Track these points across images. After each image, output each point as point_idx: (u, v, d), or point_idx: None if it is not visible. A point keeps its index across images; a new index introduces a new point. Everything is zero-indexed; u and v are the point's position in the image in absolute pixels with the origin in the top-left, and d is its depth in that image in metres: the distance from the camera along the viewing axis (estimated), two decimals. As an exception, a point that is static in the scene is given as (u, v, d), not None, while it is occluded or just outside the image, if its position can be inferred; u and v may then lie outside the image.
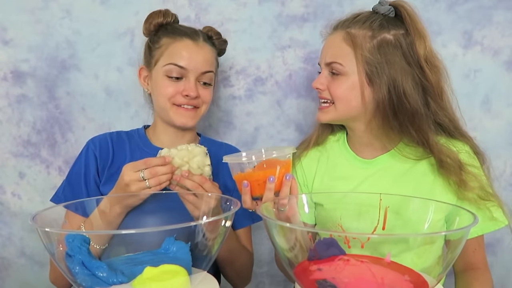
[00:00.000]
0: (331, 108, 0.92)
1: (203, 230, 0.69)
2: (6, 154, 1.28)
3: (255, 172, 0.80)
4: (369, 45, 0.86)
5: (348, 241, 0.74)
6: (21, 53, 1.24)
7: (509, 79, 1.23)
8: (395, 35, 0.87)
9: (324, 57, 0.92)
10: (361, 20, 0.89)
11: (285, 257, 0.67)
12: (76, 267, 0.63)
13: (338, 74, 0.89)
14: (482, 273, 0.94)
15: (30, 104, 1.26)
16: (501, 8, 1.20)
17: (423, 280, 0.63)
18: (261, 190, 0.80)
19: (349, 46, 0.88)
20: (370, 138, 0.95)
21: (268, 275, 1.38)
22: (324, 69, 0.92)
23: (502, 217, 0.89)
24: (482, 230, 0.91)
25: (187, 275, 0.63)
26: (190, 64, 0.97)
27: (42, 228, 0.59)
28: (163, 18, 1.02)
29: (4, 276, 1.34)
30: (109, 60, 1.26)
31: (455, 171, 0.87)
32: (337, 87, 0.89)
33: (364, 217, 0.83)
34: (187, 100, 0.98)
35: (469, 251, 0.94)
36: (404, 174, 0.93)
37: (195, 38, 1.00)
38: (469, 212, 0.65)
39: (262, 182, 0.79)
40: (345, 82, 0.88)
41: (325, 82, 0.91)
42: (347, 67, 0.88)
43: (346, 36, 0.88)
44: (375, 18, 0.89)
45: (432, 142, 0.87)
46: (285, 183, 0.80)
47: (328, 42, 0.93)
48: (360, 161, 0.98)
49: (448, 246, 0.64)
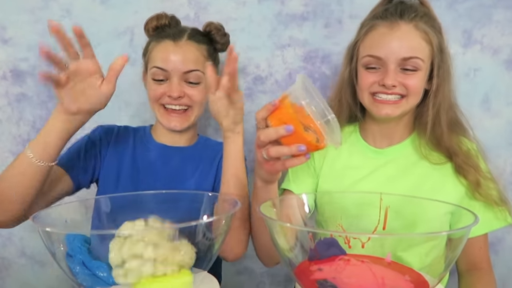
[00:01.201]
0: (403, 102, 0.90)
1: (204, 229, 0.69)
2: (6, 153, 1.28)
3: (307, 133, 0.67)
4: (436, 40, 0.88)
5: (348, 241, 0.74)
6: (21, 52, 1.24)
7: (509, 78, 1.23)
8: (441, 30, 0.92)
9: (397, 51, 0.86)
10: (421, 12, 0.90)
11: (286, 257, 0.67)
12: (77, 267, 0.63)
13: (413, 70, 0.88)
14: (486, 273, 0.95)
15: (30, 103, 1.26)
16: (501, 7, 1.20)
17: (424, 280, 0.63)
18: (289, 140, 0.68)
19: (425, 41, 0.88)
20: (394, 128, 0.97)
21: (268, 275, 1.38)
22: (392, 63, 0.87)
23: (506, 216, 0.92)
24: (489, 227, 0.93)
25: (190, 275, 0.63)
26: (169, 65, 0.97)
27: (43, 228, 0.59)
28: (157, 21, 1.03)
29: (4, 276, 1.34)
30: (109, 59, 1.24)
31: (471, 171, 0.90)
32: (416, 81, 0.88)
33: (364, 217, 0.83)
34: (171, 100, 0.98)
35: (475, 249, 0.95)
36: (415, 165, 0.94)
37: (176, 39, 0.99)
38: (470, 212, 0.65)
39: (298, 138, 0.67)
40: (420, 76, 0.89)
41: (397, 78, 0.88)
42: (425, 62, 0.88)
43: (420, 31, 0.88)
44: (426, 11, 0.91)
45: (455, 149, 0.92)
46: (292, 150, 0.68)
47: (399, 36, 0.87)
48: (372, 151, 0.98)
49: (449, 245, 0.64)
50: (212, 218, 0.69)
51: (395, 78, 0.87)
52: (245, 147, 1.30)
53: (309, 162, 1.01)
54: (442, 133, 0.92)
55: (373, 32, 0.90)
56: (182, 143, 1.06)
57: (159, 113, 1.00)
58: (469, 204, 0.91)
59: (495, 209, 0.91)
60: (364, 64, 0.91)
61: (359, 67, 0.94)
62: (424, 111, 0.94)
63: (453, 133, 0.94)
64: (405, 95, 0.89)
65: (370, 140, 1.00)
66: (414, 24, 0.87)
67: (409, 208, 0.78)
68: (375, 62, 0.89)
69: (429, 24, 0.88)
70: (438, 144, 0.93)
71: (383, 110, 0.90)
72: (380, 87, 0.89)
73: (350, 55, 0.97)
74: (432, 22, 0.90)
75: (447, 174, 0.93)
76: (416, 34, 0.87)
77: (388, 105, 0.90)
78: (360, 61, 0.93)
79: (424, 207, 0.79)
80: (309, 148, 0.67)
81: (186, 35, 1.00)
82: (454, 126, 0.96)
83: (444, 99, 0.92)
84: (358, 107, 1.00)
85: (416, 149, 0.96)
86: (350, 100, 0.99)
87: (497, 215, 0.92)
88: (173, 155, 1.04)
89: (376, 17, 0.91)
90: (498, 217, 0.92)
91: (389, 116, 0.90)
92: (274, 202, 0.76)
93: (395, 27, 0.87)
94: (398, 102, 0.90)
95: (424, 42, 0.87)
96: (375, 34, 0.90)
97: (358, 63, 0.94)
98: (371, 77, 0.90)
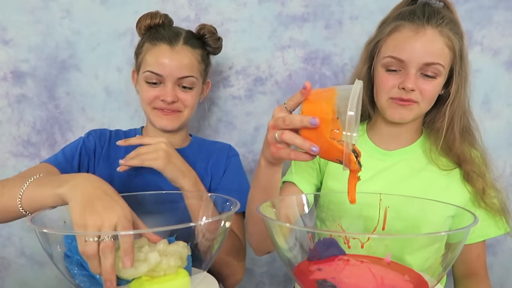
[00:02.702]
0: (415, 106, 0.89)
1: (203, 230, 0.69)
2: (6, 154, 1.28)
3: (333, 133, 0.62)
4: (458, 47, 0.88)
5: (348, 241, 0.74)
6: (21, 53, 1.24)
7: (509, 79, 1.23)
8: (464, 37, 0.91)
9: (421, 55, 0.85)
10: (447, 18, 0.88)
11: (285, 257, 0.67)
12: (75, 268, 0.63)
13: (433, 76, 0.87)
14: (483, 279, 0.96)
15: (30, 104, 1.26)
16: (501, 8, 1.20)
17: (423, 280, 0.64)
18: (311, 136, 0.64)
19: (448, 47, 0.87)
20: (403, 131, 0.97)
21: (268, 275, 1.37)
22: (414, 67, 0.86)
23: (505, 224, 0.94)
24: (487, 235, 0.95)
25: (188, 276, 0.63)
26: (164, 70, 0.96)
27: (40, 229, 0.59)
28: (151, 20, 1.02)
29: (4, 276, 1.34)
30: (109, 60, 1.26)
31: (479, 179, 0.91)
32: (432, 88, 0.88)
33: (364, 217, 0.83)
34: (165, 104, 0.98)
35: (473, 255, 0.96)
36: (423, 169, 0.95)
37: (172, 43, 0.98)
38: (470, 212, 0.65)
39: (318, 139, 0.63)
40: (437, 83, 0.88)
41: (416, 82, 0.87)
42: (445, 69, 0.88)
43: (444, 37, 0.86)
44: (451, 16, 0.90)
45: (466, 156, 0.93)
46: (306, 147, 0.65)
47: (424, 40, 0.86)
48: (380, 152, 0.98)
49: (448, 247, 0.64)
50: (212, 218, 0.69)
51: (415, 81, 0.86)
52: (245, 148, 1.31)
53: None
54: (454, 140, 0.93)
55: (397, 33, 0.89)
56: (175, 145, 1.05)
57: (151, 115, 1.01)
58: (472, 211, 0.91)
59: (496, 218, 0.93)
60: (385, 65, 0.90)
61: (378, 66, 0.92)
62: (438, 117, 0.94)
63: (465, 140, 0.95)
64: (418, 101, 0.89)
65: (377, 141, 0.99)
66: (439, 30, 0.86)
67: (410, 211, 0.79)
68: (396, 64, 0.88)
69: (453, 30, 0.87)
70: (449, 150, 0.93)
71: (397, 113, 0.90)
72: (400, 90, 0.88)
73: (370, 53, 0.96)
74: (456, 28, 0.89)
75: (453, 180, 0.94)
76: (440, 40, 0.86)
77: (402, 107, 0.89)
78: (380, 61, 0.91)
79: (425, 210, 0.79)
80: (323, 154, 0.64)
81: (182, 39, 0.99)
82: (465, 133, 0.96)
83: (460, 105, 0.92)
84: (373, 106, 1.00)
85: (425, 153, 0.96)
86: (366, 97, 0.98)
87: (497, 223, 0.94)
88: None
89: (402, 18, 0.89)
90: (498, 226, 0.94)
91: (402, 119, 0.90)
92: (273, 202, 0.77)
93: (421, 31, 0.86)
94: (410, 104, 0.89)
95: (447, 48, 0.87)
96: (400, 36, 0.88)
97: (378, 62, 0.93)
98: (391, 80, 0.89)
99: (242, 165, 1.09)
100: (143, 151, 0.88)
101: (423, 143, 0.98)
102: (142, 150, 0.88)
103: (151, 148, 0.88)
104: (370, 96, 0.98)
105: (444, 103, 0.93)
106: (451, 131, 0.93)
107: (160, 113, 1.00)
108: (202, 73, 1.04)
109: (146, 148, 0.88)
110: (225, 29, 1.23)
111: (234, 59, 1.26)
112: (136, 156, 0.87)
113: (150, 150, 0.87)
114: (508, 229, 0.94)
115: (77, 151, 0.98)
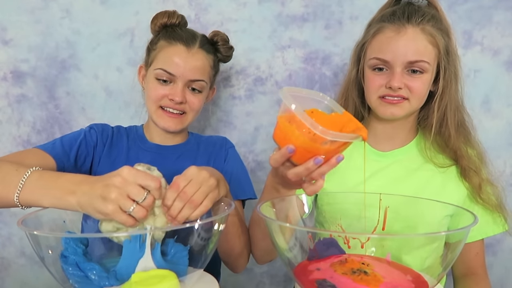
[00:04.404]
0: (405, 103, 0.90)
1: (198, 230, 0.69)
2: (6, 154, 1.28)
3: (321, 146, 0.61)
4: (443, 43, 0.89)
5: (348, 241, 0.74)
6: (21, 53, 1.24)
7: (509, 79, 1.23)
8: (449, 32, 0.92)
9: (404, 54, 0.87)
10: (428, 15, 0.89)
11: (285, 257, 0.67)
12: (70, 268, 0.63)
13: (420, 72, 0.88)
14: (482, 278, 0.96)
15: (30, 104, 1.26)
16: (501, 8, 1.20)
17: (423, 280, 0.63)
18: (304, 159, 0.64)
19: (431, 44, 0.88)
20: (398, 131, 0.97)
21: (268, 275, 1.37)
22: (399, 66, 0.88)
23: (503, 222, 0.93)
24: (486, 233, 0.95)
25: (176, 279, 0.62)
26: (178, 71, 0.96)
27: (31, 231, 0.58)
28: (168, 19, 1.02)
29: (4, 276, 1.34)
30: (109, 60, 1.26)
31: (475, 175, 0.92)
32: (420, 84, 0.89)
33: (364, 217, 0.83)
34: (172, 104, 0.98)
35: (471, 254, 0.96)
36: (419, 168, 0.95)
37: (189, 44, 0.98)
38: (469, 212, 0.65)
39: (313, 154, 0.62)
40: (425, 79, 0.89)
41: (403, 80, 0.88)
42: (431, 65, 0.88)
43: (426, 34, 0.88)
44: (434, 13, 0.91)
45: (462, 152, 0.93)
46: (333, 164, 0.65)
47: (406, 39, 0.87)
48: (375, 153, 0.98)
49: (448, 246, 0.64)
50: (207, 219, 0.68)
51: (401, 80, 0.87)
52: (245, 148, 1.31)
53: None
54: (450, 135, 0.93)
55: (380, 35, 0.90)
56: (175, 141, 1.07)
57: (156, 114, 1.00)
58: (469, 208, 0.91)
59: (494, 215, 0.93)
60: (371, 66, 0.92)
61: (366, 68, 0.94)
62: (429, 113, 0.95)
63: (460, 135, 0.95)
64: (408, 98, 0.89)
65: (372, 142, 1.00)
66: (421, 27, 0.87)
67: (409, 210, 0.79)
68: (382, 64, 0.90)
69: (436, 27, 0.88)
70: (445, 146, 0.94)
71: (388, 110, 0.91)
72: (387, 89, 0.89)
73: (358, 56, 0.98)
74: (439, 24, 0.90)
75: (450, 177, 0.94)
76: (422, 37, 0.87)
77: (392, 104, 0.90)
78: (367, 63, 0.93)
79: (424, 210, 0.79)
80: (315, 152, 0.62)
81: (198, 43, 1.00)
82: (461, 127, 0.96)
83: (451, 100, 0.93)
84: (365, 106, 1.00)
85: (421, 152, 0.96)
86: (357, 99, 1.00)
87: (495, 221, 0.93)
88: (169, 154, 1.04)
89: (384, 20, 0.91)
90: (496, 223, 0.94)
91: (394, 116, 0.91)
92: (273, 202, 0.77)
93: (402, 31, 0.87)
94: (400, 102, 0.90)
95: (431, 45, 0.88)
96: (382, 37, 0.90)
97: (365, 64, 0.95)
98: (378, 79, 0.90)
99: (239, 155, 1.11)
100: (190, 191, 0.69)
101: (419, 142, 0.98)
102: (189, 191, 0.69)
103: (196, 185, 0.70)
104: (362, 97, 0.99)
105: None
106: (446, 127, 0.93)
107: (164, 114, 1.00)
108: (212, 78, 1.05)
109: (191, 187, 0.69)
110: (225, 29, 1.23)
111: (234, 59, 1.26)
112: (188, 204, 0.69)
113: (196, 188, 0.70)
114: (506, 227, 0.94)
115: (76, 144, 0.97)
